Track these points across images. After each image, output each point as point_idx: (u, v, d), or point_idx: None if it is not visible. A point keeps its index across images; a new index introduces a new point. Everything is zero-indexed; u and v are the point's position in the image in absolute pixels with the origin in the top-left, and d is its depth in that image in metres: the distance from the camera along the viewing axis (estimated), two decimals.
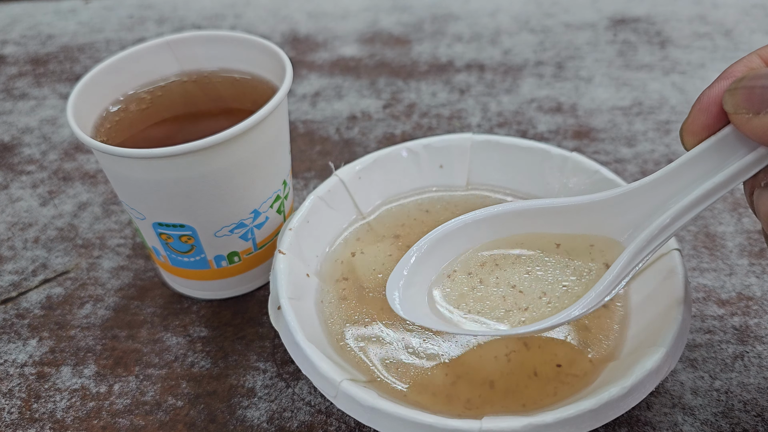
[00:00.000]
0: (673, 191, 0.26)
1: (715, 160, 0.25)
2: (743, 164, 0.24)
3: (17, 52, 0.68)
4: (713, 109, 0.24)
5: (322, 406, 0.33)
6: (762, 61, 0.25)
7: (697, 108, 0.25)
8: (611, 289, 0.27)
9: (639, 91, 0.55)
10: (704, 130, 0.25)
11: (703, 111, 0.25)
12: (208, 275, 0.37)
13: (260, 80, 0.38)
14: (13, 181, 0.50)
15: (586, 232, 0.29)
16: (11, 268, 0.43)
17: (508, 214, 0.30)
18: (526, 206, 0.30)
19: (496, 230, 0.30)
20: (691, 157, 0.26)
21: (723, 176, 0.25)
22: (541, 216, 0.30)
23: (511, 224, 0.30)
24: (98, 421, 0.33)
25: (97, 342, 0.37)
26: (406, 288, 0.29)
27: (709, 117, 0.25)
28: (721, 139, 0.25)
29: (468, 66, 0.60)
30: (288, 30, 0.68)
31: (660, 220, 0.26)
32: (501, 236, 0.30)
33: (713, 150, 0.25)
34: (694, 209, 0.26)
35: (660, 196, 0.27)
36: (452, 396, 0.29)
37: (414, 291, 0.29)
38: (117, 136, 0.36)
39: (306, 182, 0.47)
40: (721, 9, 0.66)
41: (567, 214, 0.29)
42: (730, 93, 0.23)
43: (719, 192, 0.25)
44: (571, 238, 0.30)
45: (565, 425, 0.25)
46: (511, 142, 0.38)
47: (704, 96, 0.25)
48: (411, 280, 0.29)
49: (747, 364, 0.33)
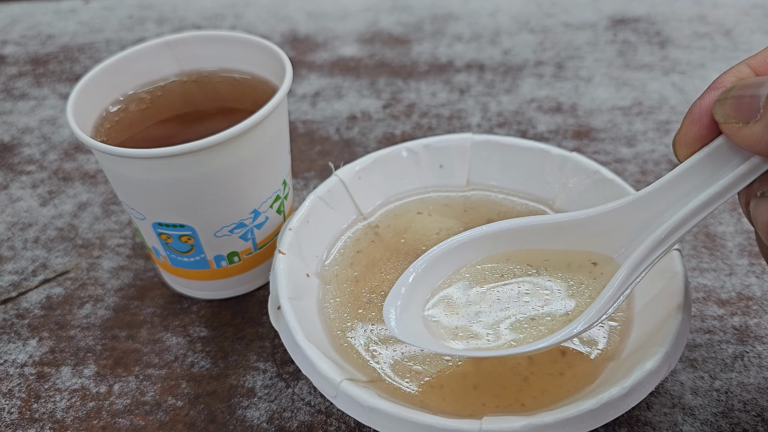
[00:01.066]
0: (667, 204, 0.26)
1: (708, 171, 0.25)
2: (737, 174, 0.24)
3: (17, 52, 0.68)
4: (705, 120, 0.24)
5: (322, 406, 0.33)
6: (751, 70, 0.25)
7: (689, 119, 0.25)
8: (610, 306, 0.26)
9: (639, 91, 0.55)
10: (697, 141, 0.25)
11: (695, 122, 0.25)
12: (207, 275, 0.37)
13: (260, 80, 0.38)
14: (13, 181, 0.50)
15: (581, 248, 0.29)
16: (11, 268, 0.43)
17: (503, 233, 0.30)
18: (520, 224, 0.29)
19: (490, 248, 0.30)
20: (685, 169, 0.25)
21: (717, 187, 0.25)
22: (536, 233, 0.29)
23: (506, 242, 0.30)
24: (98, 422, 0.33)
25: (97, 342, 0.37)
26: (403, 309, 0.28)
27: (701, 128, 0.25)
28: (713, 150, 0.25)
29: (468, 66, 0.60)
30: (288, 30, 0.68)
31: (656, 234, 0.26)
32: (496, 253, 0.30)
33: (706, 161, 0.25)
34: (690, 221, 0.26)
35: (654, 209, 0.27)
36: (454, 395, 0.29)
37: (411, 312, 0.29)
38: (117, 136, 0.36)
39: (306, 182, 0.47)
40: (721, 9, 0.66)
41: (562, 231, 0.29)
42: (719, 103, 0.23)
43: (715, 203, 0.25)
44: (566, 254, 0.29)
45: (565, 425, 0.25)
46: (511, 142, 0.38)
47: (695, 107, 0.25)
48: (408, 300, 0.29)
49: (747, 364, 0.33)
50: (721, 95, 0.24)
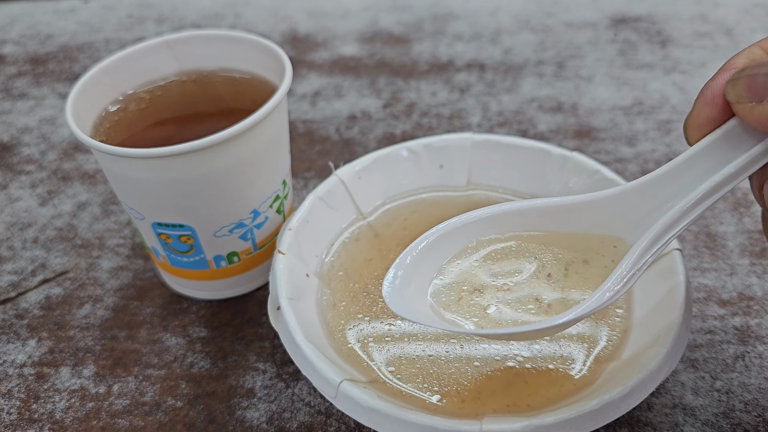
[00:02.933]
0: (679, 186, 0.26)
1: (721, 153, 0.24)
2: (751, 156, 0.24)
3: (16, 52, 0.67)
4: (717, 101, 0.24)
5: (321, 407, 0.33)
6: (763, 51, 0.24)
7: (701, 101, 0.24)
8: (620, 286, 0.26)
9: (640, 91, 0.55)
10: (709, 123, 0.24)
11: (707, 104, 0.24)
12: (207, 275, 0.37)
13: (260, 80, 0.38)
14: (12, 180, 0.50)
15: (591, 230, 0.28)
16: (10, 268, 0.42)
17: (510, 213, 0.29)
18: (528, 205, 0.29)
19: (497, 229, 0.30)
20: (697, 150, 0.25)
21: (731, 168, 0.24)
22: (544, 215, 0.29)
23: (513, 223, 0.29)
24: (97, 422, 0.33)
25: (96, 342, 0.37)
26: (403, 285, 0.28)
27: (714, 109, 0.24)
28: (726, 132, 0.24)
29: (468, 65, 0.60)
30: (288, 29, 0.68)
31: (668, 215, 0.26)
32: (502, 234, 0.30)
33: (719, 143, 0.24)
34: (702, 204, 0.25)
35: (667, 191, 0.26)
36: (454, 395, 0.29)
37: (412, 289, 0.28)
38: (116, 135, 0.36)
39: (306, 182, 0.47)
40: (722, 8, 0.66)
41: (571, 212, 0.29)
42: (732, 83, 0.23)
43: (727, 185, 0.24)
44: (575, 237, 0.29)
45: (565, 426, 0.25)
46: (512, 141, 0.38)
47: (707, 89, 0.24)
48: (409, 277, 0.28)
49: (748, 365, 0.33)
50: (733, 75, 0.23)
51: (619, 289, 0.26)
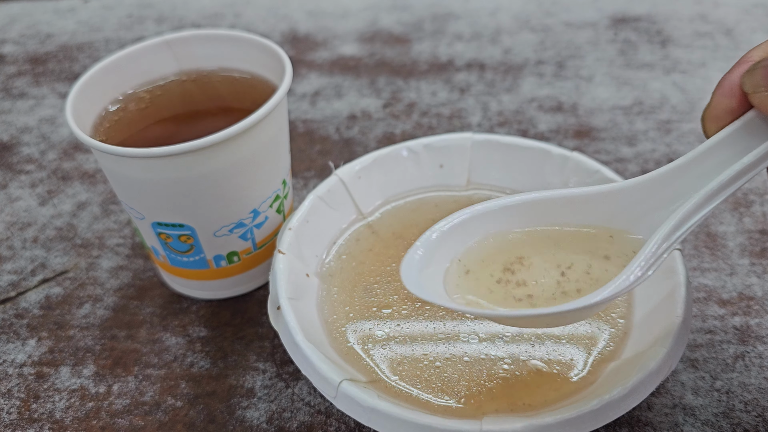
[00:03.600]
0: (697, 176, 0.25)
1: (739, 145, 0.24)
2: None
3: (16, 52, 0.67)
4: (735, 92, 0.24)
5: (321, 407, 0.33)
6: None
7: (719, 93, 0.25)
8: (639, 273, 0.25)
9: (640, 91, 0.55)
10: (727, 114, 0.25)
11: (725, 95, 0.24)
12: (207, 275, 0.37)
13: (260, 79, 0.38)
14: (12, 180, 0.50)
15: (606, 222, 0.28)
16: (10, 267, 0.42)
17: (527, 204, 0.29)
18: (545, 196, 0.29)
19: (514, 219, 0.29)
20: (715, 142, 0.25)
21: (751, 158, 0.24)
22: (559, 206, 0.29)
23: (530, 214, 0.29)
24: (97, 422, 0.33)
25: (96, 342, 0.37)
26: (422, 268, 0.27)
27: (732, 100, 0.24)
28: (744, 123, 0.24)
29: (468, 65, 0.60)
30: (287, 29, 0.68)
31: (690, 203, 0.25)
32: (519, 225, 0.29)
33: (737, 134, 0.24)
34: (723, 193, 0.25)
35: (685, 181, 0.26)
36: (454, 395, 0.29)
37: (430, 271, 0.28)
38: (116, 135, 0.36)
39: (306, 182, 0.47)
40: (722, 8, 0.66)
41: (589, 204, 0.28)
42: (749, 74, 0.23)
43: (747, 174, 0.24)
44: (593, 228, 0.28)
45: (566, 426, 0.25)
46: (512, 141, 0.38)
47: (725, 81, 0.24)
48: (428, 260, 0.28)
49: (748, 364, 0.33)
50: (750, 67, 0.23)
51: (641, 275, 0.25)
